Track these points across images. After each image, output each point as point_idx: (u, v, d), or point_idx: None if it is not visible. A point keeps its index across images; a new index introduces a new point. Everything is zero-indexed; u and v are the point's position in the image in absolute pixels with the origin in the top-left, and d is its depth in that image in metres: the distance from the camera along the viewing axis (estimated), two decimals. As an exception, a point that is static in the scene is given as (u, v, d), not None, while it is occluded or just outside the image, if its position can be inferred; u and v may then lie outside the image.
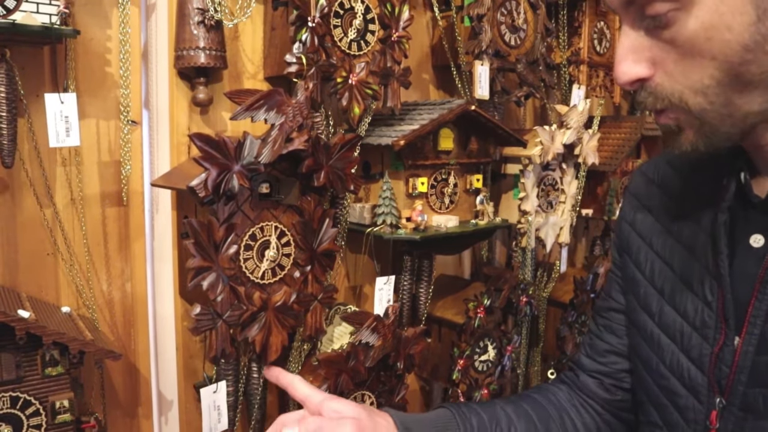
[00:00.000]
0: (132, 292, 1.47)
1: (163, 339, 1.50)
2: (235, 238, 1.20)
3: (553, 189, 1.93)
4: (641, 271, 0.94)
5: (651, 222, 0.94)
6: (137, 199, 1.43)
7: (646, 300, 0.92)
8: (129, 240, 1.44)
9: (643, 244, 0.94)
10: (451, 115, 1.46)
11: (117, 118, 1.38)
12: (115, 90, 1.37)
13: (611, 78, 2.15)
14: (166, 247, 1.44)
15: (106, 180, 1.40)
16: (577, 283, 2.02)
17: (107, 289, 1.43)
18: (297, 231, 1.29)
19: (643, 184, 0.98)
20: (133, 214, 1.44)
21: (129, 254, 1.44)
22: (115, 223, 1.42)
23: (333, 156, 1.25)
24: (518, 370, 1.95)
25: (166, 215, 1.43)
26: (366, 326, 1.36)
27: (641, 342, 0.93)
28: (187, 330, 1.39)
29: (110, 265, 1.43)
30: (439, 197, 1.57)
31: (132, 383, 1.49)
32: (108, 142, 1.40)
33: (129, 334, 1.48)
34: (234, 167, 1.11)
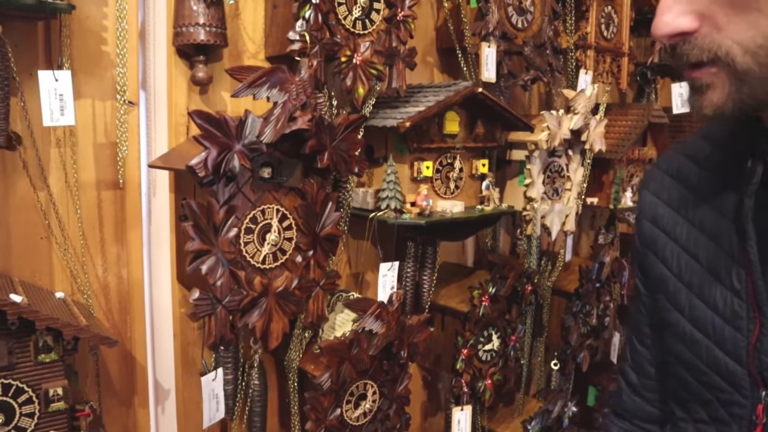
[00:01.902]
0: (128, 277, 1.42)
1: (160, 326, 1.46)
2: (235, 220, 1.16)
3: (559, 176, 1.89)
4: (668, 267, 0.90)
5: (672, 216, 0.90)
6: (134, 182, 1.39)
7: (676, 296, 0.88)
8: (125, 224, 1.40)
9: (668, 240, 0.90)
10: (458, 97, 1.42)
11: (113, 98, 1.34)
12: (111, 69, 1.32)
13: (618, 64, 2.11)
14: (163, 231, 1.40)
15: (102, 162, 1.35)
16: (582, 273, 1.99)
17: (102, 274, 1.39)
18: (299, 214, 1.25)
19: (659, 180, 0.94)
20: (130, 198, 1.39)
21: (125, 239, 1.40)
22: (111, 207, 1.38)
23: (337, 137, 1.21)
24: (522, 361, 1.91)
25: (164, 199, 1.39)
26: (370, 313, 1.32)
27: (675, 341, 0.89)
28: (185, 316, 1.37)
29: (106, 250, 1.39)
30: (444, 182, 1.53)
31: (128, 371, 1.45)
32: (104, 123, 1.35)
33: (125, 321, 1.44)
34: (235, 146, 1.07)
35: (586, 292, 2.02)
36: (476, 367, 1.73)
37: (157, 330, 1.46)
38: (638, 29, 2.29)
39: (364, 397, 1.44)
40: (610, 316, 2.18)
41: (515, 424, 1.92)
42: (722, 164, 0.82)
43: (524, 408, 1.98)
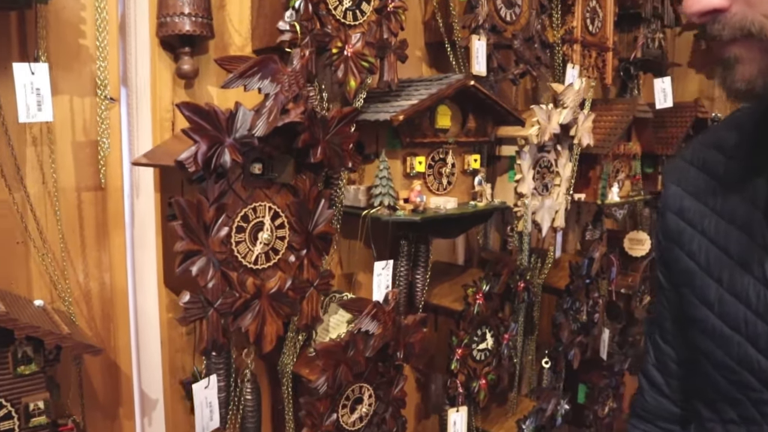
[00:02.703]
0: (111, 283, 1.36)
1: (146, 333, 1.40)
2: (226, 219, 1.10)
3: (548, 171, 1.87)
4: (695, 261, 0.87)
5: (699, 208, 0.87)
6: (116, 183, 1.32)
7: (703, 291, 0.85)
8: (107, 227, 1.33)
9: (695, 233, 0.87)
10: (450, 90, 1.38)
11: (93, 94, 1.28)
12: (90, 64, 1.26)
13: (603, 59, 2.11)
14: (148, 233, 1.34)
15: (82, 162, 1.29)
16: (572, 269, 1.97)
17: (84, 280, 1.32)
18: (291, 212, 1.21)
19: (684, 171, 0.91)
20: (112, 199, 1.33)
21: (107, 242, 1.34)
22: (92, 209, 1.31)
23: (330, 130, 1.17)
24: (515, 360, 1.89)
25: (148, 199, 1.33)
26: (366, 313, 1.28)
27: (703, 337, 0.86)
28: (173, 322, 1.31)
29: (87, 255, 1.32)
30: (437, 178, 1.50)
31: (112, 382, 1.38)
32: (83, 120, 1.29)
33: (108, 329, 1.37)
34: (226, 140, 1.02)
35: (577, 289, 2.00)
36: (470, 367, 1.70)
37: (142, 338, 1.40)
38: (621, 24, 2.29)
39: (359, 401, 1.39)
40: (599, 312, 2.17)
41: (509, 423, 1.89)
42: (751, 153, 0.80)
43: (518, 407, 1.95)
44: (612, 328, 2.21)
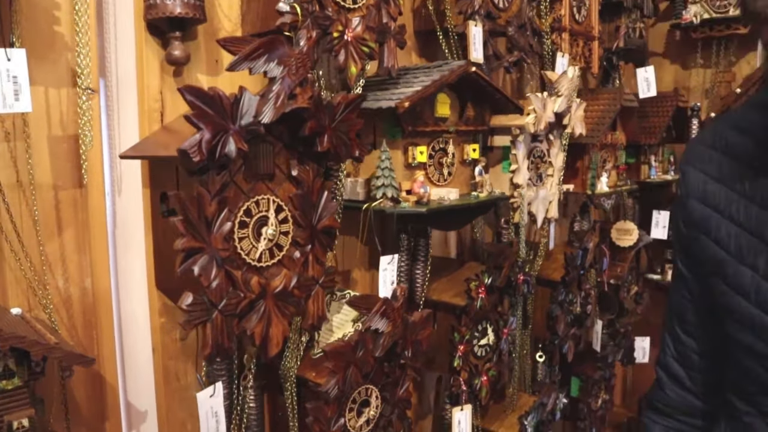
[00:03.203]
0: (93, 288, 1.26)
1: (134, 341, 1.30)
2: (228, 214, 1.02)
3: (542, 161, 1.84)
4: (725, 248, 0.82)
5: (725, 193, 0.83)
6: (97, 180, 1.23)
7: (737, 280, 0.81)
8: (88, 227, 1.24)
9: (722, 219, 0.83)
10: (453, 77, 1.33)
11: (70, 85, 1.18)
12: (67, 53, 1.17)
13: (590, 47, 2.09)
14: (134, 233, 1.24)
15: (60, 158, 1.19)
16: (567, 260, 1.94)
17: (63, 285, 1.22)
18: (294, 205, 1.13)
19: (705, 154, 0.87)
20: (93, 197, 1.23)
21: (88, 244, 1.24)
22: (71, 208, 1.21)
23: (336, 118, 1.10)
24: (513, 354, 1.85)
25: (133, 196, 1.24)
26: (375, 311, 1.21)
27: (739, 327, 0.82)
28: (166, 327, 1.22)
29: (66, 258, 1.22)
30: (438, 168, 1.44)
31: (96, 395, 1.28)
32: (59, 113, 1.19)
33: (91, 338, 1.27)
34: (231, 128, 0.94)
35: (572, 280, 1.98)
36: (472, 363, 1.65)
37: (129, 346, 1.30)
38: (602, 14, 2.28)
39: (366, 404, 1.32)
40: (591, 303, 2.15)
41: (509, 420, 1.85)
42: None
43: (517, 403, 1.91)
44: (604, 319, 2.19)
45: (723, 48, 2.67)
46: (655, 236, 2.56)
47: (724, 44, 2.67)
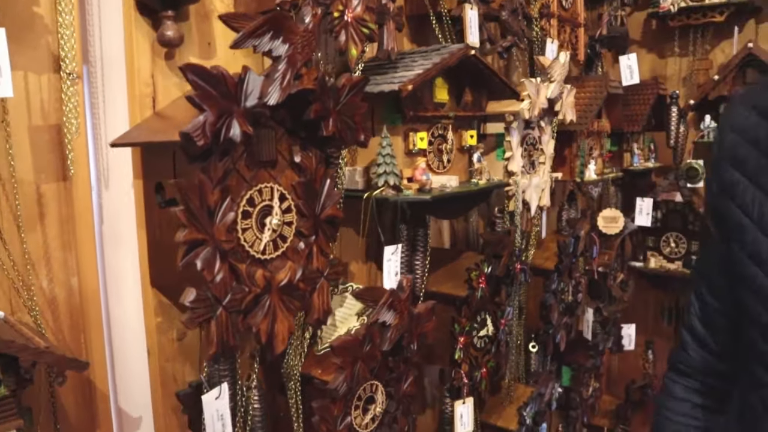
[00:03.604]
0: (79, 287, 1.18)
1: (124, 343, 1.22)
2: (230, 203, 0.96)
3: (534, 149, 1.81)
4: (748, 215, 0.80)
5: (758, 159, 0.80)
6: (82, 171, 1.15)
7: (755, 248, 0.79)
8: (74, 222, 1.15)
9: (750, 185, 0.80)
10: (454, 59, 1.29)
11: (51, 71, 1.10)
12: (47, 36, 1.09)
13: (576, 34, 2.07)
14: (124, 227, 1.17)
15: (41, 148, 1.11)
16: (561, 247, 1.92)
17: (48, 286, 1.13)
18: (297, 194, 1.07)
19: (744, 117, 0.83)
20: (78, 190, 1.15)
21: (74, 241, 1.16)
22: (55, 202, 1.13)
23: (341, 101, 1.04)
24: (510, 345, 1.82)
25: (122, 188, 1.16)
26: (383, 303, 1.17)
27: (749, 295, 0.80)
28: (163, 327, 1.15)
29: (50, 256, 1.13)
30: (437, 155, 1.40)
31: (86, 402, 1.20)
32: (40, 101, 1.10)
33: (78, 341, 1.19)
34: (235, 110, 0.88)
35: (565, 269, 1.96)
36: (472, 355, 1.61)
37: (120, 348, 1.23)
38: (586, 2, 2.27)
39: (371, 401, 1.27)
40: (582, 291, 2.14)
41: (508, 412, 1.82)
42: None
43: (514, 395, 1.89)
44: (594, 307, 2.18)
45: (700, 36, 2.70)
46: (640, 223, 2.58)
47: (700, 32, 2.70)
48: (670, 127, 2.58)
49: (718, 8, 2.52)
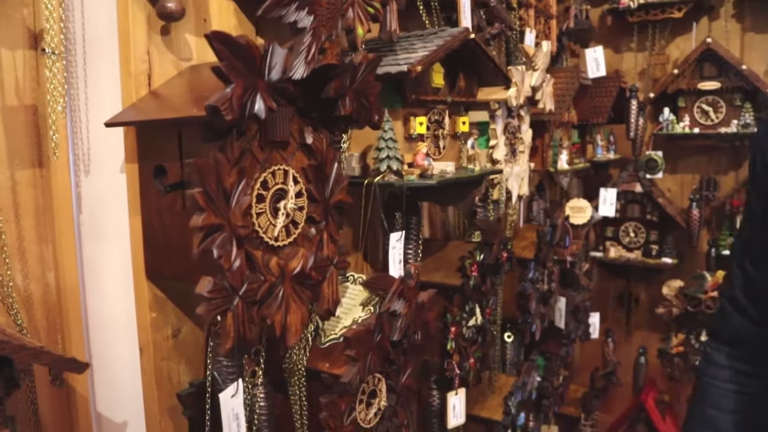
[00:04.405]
0: (57, 283, 1.08)
1: (108, 342, 1.13)
2: (246, 186, 0.89)
3: (515, 137, 1.81)
4: None
5: None
6: (61, 157, 1.05)
7: None
8: (51, 212, 1.06)
9: None
10: (456, 43, 1.26)
11: (27, 47, 1.00)
12: (23, 9, 0.99)
13: (549, 26, 2.09)
14: (110, 216, 1.07)
15: (15, 132, 1.01)
16: (540, 236, 1.93)
17: (23, 282, 1.03)
18: (307, 178, 1.02)
19: None
20: (57, 177, 1.05)
21: (51, 232, 1.06)
22: (30, 191, 1.03)
23: (357, 79, 0.99)
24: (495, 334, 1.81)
25: (107, 173, 1.07)
26: (393, 291, 1.12)
27: None
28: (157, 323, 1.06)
29: (25, 249, 1.03)
30: (434, 141, 1.36)
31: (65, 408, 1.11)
32: (14, 79, 1.01)
33: (55, 341, 1.09)
34: (260, 83, 0.81)
35: (543, 258, 1.97)
36: (461, 345, 1.59)
37: (104, 348, 1.13)
38: (553, -6, 2.30)
39: (374, 394, 1.23)
40: (555, 281, 2.17)
41: (491, 402, 1.82)
42: None
43: (496, 385, 1.88)
44: (567, 295, 2.21)
45: (658, 32, 2.79)
46: (603, 213, 2.64)
47: (659, 28, 2.78)
48: (630, 120, 2.65)
49: (676, 5, 2.61)
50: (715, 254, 2.85)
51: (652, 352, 3.09)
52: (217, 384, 0.96)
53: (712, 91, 2.67)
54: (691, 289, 2.81)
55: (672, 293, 2.88)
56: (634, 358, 3.10)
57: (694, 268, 2.97)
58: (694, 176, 2.99)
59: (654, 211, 2.87)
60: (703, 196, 2.88)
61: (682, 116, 2.75)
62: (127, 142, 1.00)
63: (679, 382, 3.05)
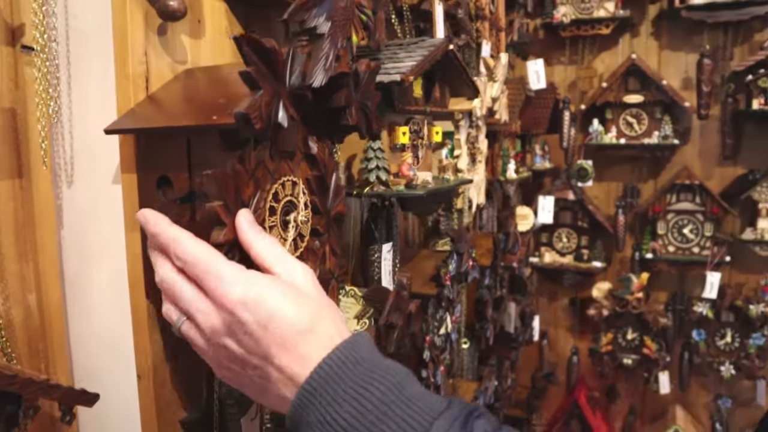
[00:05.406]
0: (39, 306, 0.99)
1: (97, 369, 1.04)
2: (259, 199, 0.86)
3: (473, 147, 1.85)
4: None
5: None
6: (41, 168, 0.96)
7: None
8: (33, 227, 0.96)
9: None
10: (439, 53, 1.27)
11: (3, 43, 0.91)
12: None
13: (498, 38, 2.15)
14: (100, 232, 0.99)
15: (-13, 139, 0.91)
16: (496, 244, 1.98)
17: (2, 306, 0.93)
18: (311, 189, 0.99)
19: None
20: (39, 189, 0.96)
21: (32, 249, 0.97)
22: (9, 204, 0.93)
23: (360, 87, 0.98)
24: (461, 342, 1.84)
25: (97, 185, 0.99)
26: (391, 304, 1.11)
27: None
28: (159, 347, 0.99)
29: (4, 269, 0.94)
30: (413, 151, 1.37)
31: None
32: (-15, 80, 0.91)
33: (38, 370, 0.99)
34: (282, 91, 0.78)
35: (498, 264, 2.02)
36: (434, 354, 1.60)
37: (91, 375, 1.04)
38: (498, 8, 2.38)
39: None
40: (506, 286, 2.23)
41: (456, 408, 1.83)
42: None
43: (459, 390, 1.91)
44: (516, 300, 2.28)
45: (588, 46, 2.95)
46: (542, 221, 2.74)
47: (588, 43, 2.95)
48: (563, 130, 2.78)
49: (604, 21, 2.78)
50: (639, 257, 3.04)
51: (583, 351, 3.25)
52: (229, 408, 0.91)
53: (635, 104, 2.86)
54: (620, 290, 2.98)
55: (602, 295, 3.04)
56: (567, 358, 3.25)
57: (621, 271, 3.16)
58: (617, 184, 3.19)
59: (585, 218, 3.02)
60: (627, 203, 3.06)
61: (609, 127, 2.92)
62: (123, 151, 0.92)
63: (607, 378, 3.22)
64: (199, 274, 0.67)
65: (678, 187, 2.90)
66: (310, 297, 0.70)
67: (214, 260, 0.68)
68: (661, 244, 2.98)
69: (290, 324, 0.66)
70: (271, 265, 0.72)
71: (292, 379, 0.65)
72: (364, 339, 0.69)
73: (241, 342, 0.66)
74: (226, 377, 0.71)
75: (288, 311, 0.66)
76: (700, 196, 2.89)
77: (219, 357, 0.69)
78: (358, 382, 0.63)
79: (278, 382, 0.66)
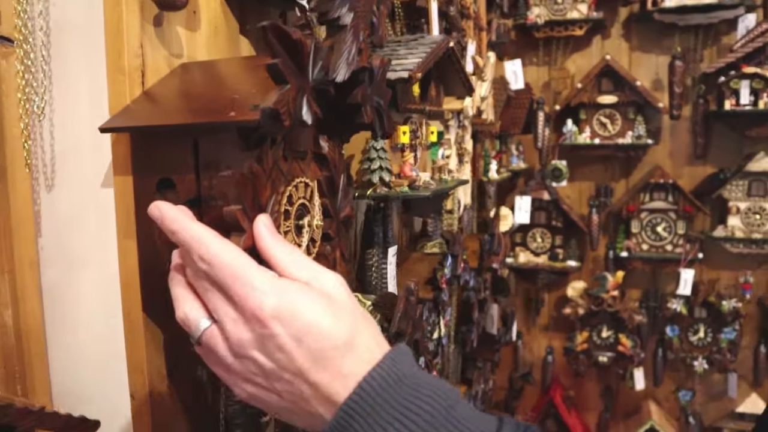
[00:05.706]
0: (16, 324, 0.90)
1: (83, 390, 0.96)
2: (275, 202, 0.79)
3: (460, 147, 1.82)
4: None
5: None
6: (20, 171, 0.88)
7: None
8: (10, 237, 0.88)
9: None
10: (440, 50, 1.23)
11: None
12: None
13: (480, 38, 2.13)
14: (86, 241, 0.91)
15: (-39, 139, 0.82)
16: (482, 245, 1.95)
17: (-23, 323, 0.85)
18: (322, 191, 0.93)
19: None
20: (17, 195, 0.88)
21: (9, 260, 0.88)
22: (-15, 211, 0.85)
23: (374, 84, 0.92)
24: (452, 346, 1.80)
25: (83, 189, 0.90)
26: (401, 311, 1.06)
27: None
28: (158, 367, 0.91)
29: (-23, 283, 0.85)
30: (413, 151, 1.32)
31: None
32: (-44, 74, 0.82)
33: (15, 392, 0.90)
34: (306, 86, 0.73)
35: (485, 266, 2.00)
36: (428, 359, 1.55)
37: (74, 397, 0.95)
38: (477, 8, 2.36)
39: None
40: (489, 288, 2.20)
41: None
42: None
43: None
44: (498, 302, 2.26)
45: (561, 47, 2.97)
46: (520, 221, 2.74)
47: (561, 44, 2.96)
48: (537, 130, 2.79)
49: (578, 23, 2.79)
50: (613, 256, 3.07)
51: (558, 350, 3.26)
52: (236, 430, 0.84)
53: (609, 104, 2.89)
54: (595, 289, 3.00)
55: (577, 294, 3.06)
56: (542, 358, 3.26)
57: (595, 269, 3.19)
58: (590, 184, 3.22)
59: (559, 218, 3.04)
60: (601, 202, 3.09)
61: (583, 128, 2.95)
62: (116, 151, 0.84)
63: (583, 377, 3.25)
64: (226, 280, 0.61)
65: (651, 186, 2.95)
66: (346, 307, 0.64)
67: (244, 265, 0.61)
68: (635, 242, 3.02)
69: (328, 338, 0.60)
70: (299, 275, 0.66)
71: (330, 398, 0.60)
72: (404, 353, 0.64)
73: (272, 356, 0.60)
74: (247, 392, 0.65)
75: (325, 324, 0.60)
76: (672, 194, 2.94)
77: (242, 370, 0.63)
78: (402, 403, 0.58)
79: (312, 399, 0.60)
